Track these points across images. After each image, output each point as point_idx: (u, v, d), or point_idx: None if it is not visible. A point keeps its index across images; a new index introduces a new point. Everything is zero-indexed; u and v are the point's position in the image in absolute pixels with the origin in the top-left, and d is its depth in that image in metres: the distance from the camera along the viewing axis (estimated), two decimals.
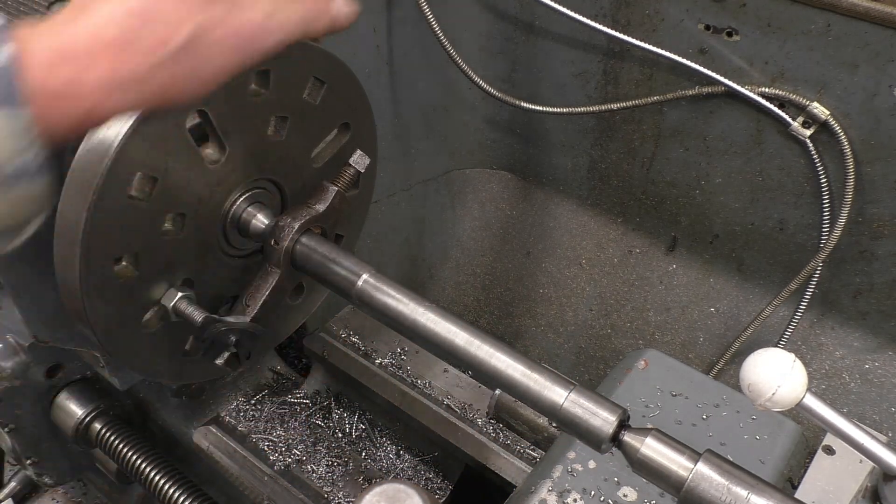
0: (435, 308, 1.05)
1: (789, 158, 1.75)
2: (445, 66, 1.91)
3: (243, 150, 1.17)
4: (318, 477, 1.71)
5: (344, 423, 1.81)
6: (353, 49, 1.62)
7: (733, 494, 0.83)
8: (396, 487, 0.91)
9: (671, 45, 1.75)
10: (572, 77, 1.97)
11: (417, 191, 2.22)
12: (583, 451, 1.22)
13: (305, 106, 1.23)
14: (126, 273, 1.09)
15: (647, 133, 1.94)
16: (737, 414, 1.28)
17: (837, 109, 1.63)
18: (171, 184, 1.08)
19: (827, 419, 0.90)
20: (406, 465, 1.75)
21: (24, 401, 1.53)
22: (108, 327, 1.11)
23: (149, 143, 1.03)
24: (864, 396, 1.90)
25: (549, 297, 2.31)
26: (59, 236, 1.04)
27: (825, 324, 1.93)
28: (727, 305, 2.05)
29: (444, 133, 2.20)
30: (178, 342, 1.24)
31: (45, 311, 1.19)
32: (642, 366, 1.36)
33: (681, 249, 2.09)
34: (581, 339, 2.27)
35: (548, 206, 2.28)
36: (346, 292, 1.11)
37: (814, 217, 1.79)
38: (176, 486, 1.53)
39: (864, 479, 1.11)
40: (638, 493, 1.18)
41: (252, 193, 1.21)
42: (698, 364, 2.09)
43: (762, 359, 0.87)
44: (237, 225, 1.20)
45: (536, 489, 1.19)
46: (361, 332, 1.88)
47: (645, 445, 0.88)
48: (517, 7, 1.96)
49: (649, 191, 2.04)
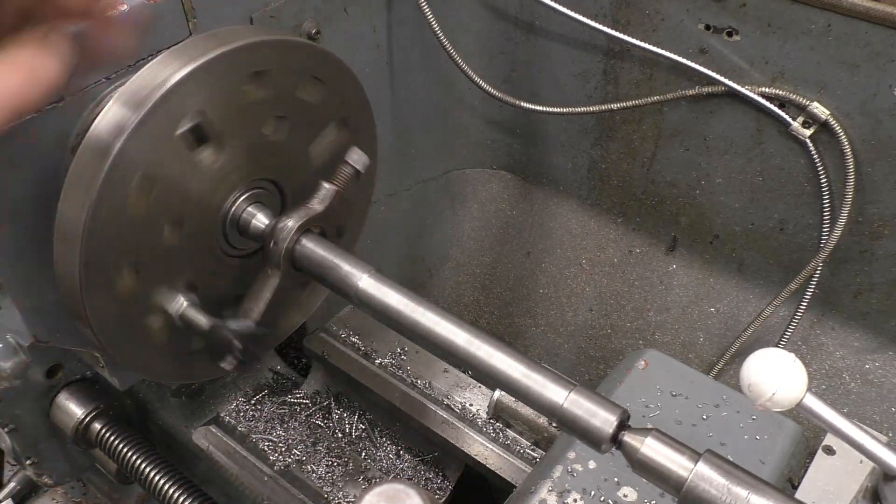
0: (435, 308, 1.05)
1: (789, 158, 1.75)
2: (445, 66, 1.91)
3: (242, 150, 1.17)
4: (318, 477, 1.71)
5: (344, 423, 1.81)
6: (352, 49, 1.62)
7: (733, 494, 0.83)
8: (396, 487, 0.91)
9: (671, 45, 1.75)
10: (572, 77, 1.97)
11: (417, 191, 2.22)
12: (583, 451, 1.22)
13: (304, 105, 1.23)
14: (126, 273, 1.09)
15: (647, 133, 1.94)
16: (737, 414, 1.28)
17: (838, 109, 1.63)
18: (171, 184, 1.08)
19: (827, 419, 0.90)
20: (406, 465, 1.75)
21: (24, 401, 1.53)
22: (108, 328, 1.11)
23: (149, 143, 1.03)
24: (864, 396, 1.90)
25: (549, 297, 2.31)
26: (59, 236, 1.04)
27: (825, 324, 1.93)
28: (727, 305, 2.05)
29: (444, 133, 2.20)
30: (177, 343, 1.24)
31: (45, 311, 1.19)
32: (642, 366, 1.36)
33: (681, 249, 2.09)
34: (581, 340, 2.27)
35: (548, 206, 2.28)
36: (346, 292, 1.11)
37: (814, 217, 1.79)
38: (176, 486, 1.52)
39: (864, 479, 1.11)
40: (638, 493, 1.18)
41: (252, 193, 1.21)
42: (698, 364, 2.09)
43: (762, 359, 0.87)
44: (237, 225, 1.20)
45: (536, 489, 1.19)
46: (361, 332, 1.88)
47: (645, 445, 0.88)
48: (517, 7, 1.96)
49: (649, 191, 2.04)
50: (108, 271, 1.07)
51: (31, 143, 1.07)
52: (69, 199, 1.02)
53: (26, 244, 1.12)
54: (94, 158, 1.00)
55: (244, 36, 1.10)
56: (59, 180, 1.05)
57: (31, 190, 1.09)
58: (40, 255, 1.11)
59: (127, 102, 1.01)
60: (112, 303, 1.10)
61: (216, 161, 1.13)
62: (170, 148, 1.06)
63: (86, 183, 1.00)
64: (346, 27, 1.57)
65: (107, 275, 1.07)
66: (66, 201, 1.02)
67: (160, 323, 1.17)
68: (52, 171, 1.09)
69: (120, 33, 0.93)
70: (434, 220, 2.35)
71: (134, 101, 1.01)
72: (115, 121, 1.00)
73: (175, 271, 1.16)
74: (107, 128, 1.00)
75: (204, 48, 1.06)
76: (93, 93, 1.11)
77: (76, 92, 1.09)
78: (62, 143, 1.10)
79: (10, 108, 0.75)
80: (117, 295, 1.10)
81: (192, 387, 1.75)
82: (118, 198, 1.03)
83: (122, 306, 1.12)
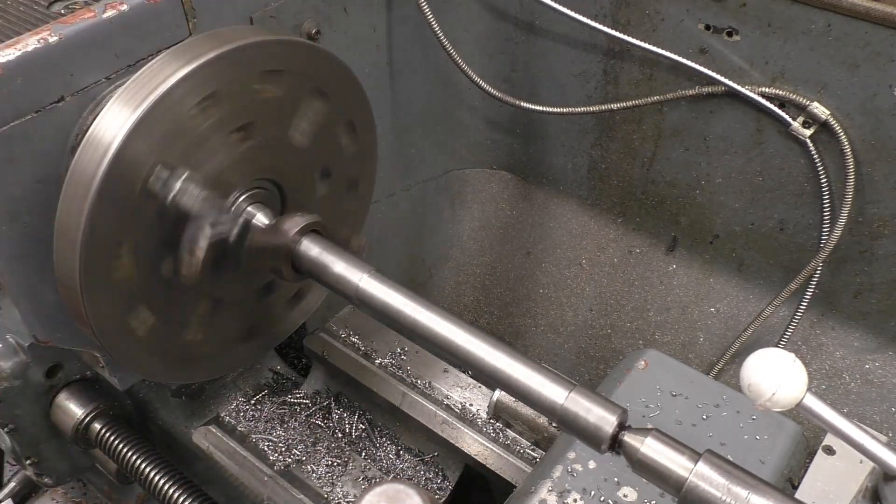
0: (435, 308, 1.05)
1: (789, 158, 1.75)
2: (445, 66, 1.91)
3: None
4: (318, 477, 1.71)
5: (344, 423, 1.81)
6: (352, 49, 1.62)
7: (733, 494, 0.83)
8: (396, 487, 0.91)
9: (671, 45, 1.75)
10: (572, 77, 1.97)
11: (417, 191, 2.22)
12: (583, 451, 1.22)
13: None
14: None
15: (648, 133, 1.94)
16: (737, 414, 1.28)
17: (838, 109, 1.63)
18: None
19: (827, 419, 0.90)
20: (406, 465, 1.75)
21: (24, 401, 1.53)
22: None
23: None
24: (864, 396, 1.90)
25: (549, 298, 2.31)
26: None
27: (825, 324, 1.93)
28: (727, 305, 2.05)
29: (444, 133, 2.20)
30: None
31: (45, 311, 1.19)
32: (642, 366, 1.36)
33: (681, 249, 2.09)
34: (581, 340, 2.27)
35: (548, 206, 2.28)
36: (346, 292, 1.11)
37: (814, 217, 1.79)
38: (176, 486, 1.52)
39: (864, 479, 1.11)
40: (638, 493, 1.17)
41: (252, 193, 1.21)
42: (698, 364, 2.09)
43: (762, 359, 0.87)
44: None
45: (536, 489, 1.19)
46: (361, 332, 1.88)
47: (645, 445, 0.88)
48: (517, 7, 1.96)
49: (649, 191, 2.04)
50: (109, 271, 1.07)
51: (31, 143, 1.07)
52: (69, 199, 1.02)
53: (26, 244, 1.12)
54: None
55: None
56: (59, 180, 1.05)
57: (31, 190, 1.09)
58: (40, 255, 1.11)
59: (127, 102, 1.01)
60: (112, 303, 1.10)
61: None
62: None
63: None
64: (346, 27, 1.57)
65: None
66: (66, 201, 1.02)
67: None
68: (52, 171, 1.09)
69: None
70: (434, 220, 2.35)
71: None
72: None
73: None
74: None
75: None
76: (93, 93, 1.11)
77: (76, 92, 1.09)
78: (62, 143, 1.10)
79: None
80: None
81: (192, 387, 1.75)
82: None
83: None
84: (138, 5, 1.12)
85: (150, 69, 1.04)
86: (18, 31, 1.09)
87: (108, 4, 1.10)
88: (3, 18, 1.14)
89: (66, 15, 1.11)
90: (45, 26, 1.06)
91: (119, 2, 1.11)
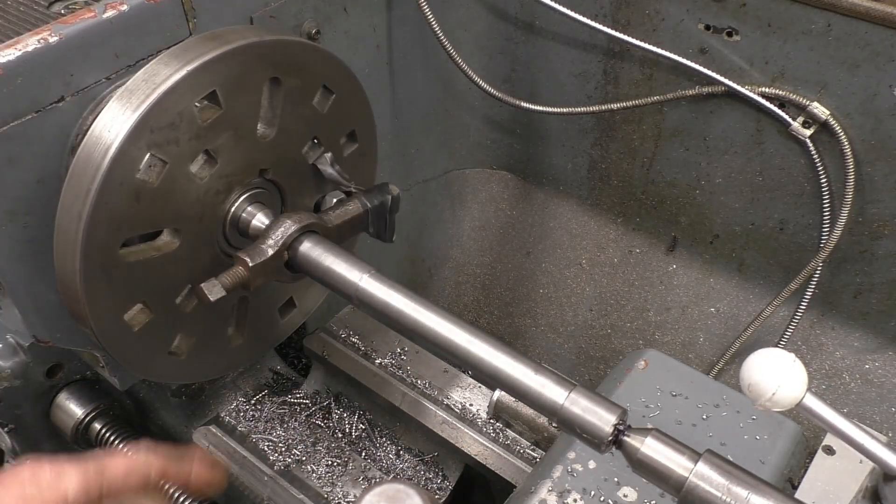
0: (435, 308, 1.05)
1: (789, 158, 1.75)
2: (445, 66, 1.91)
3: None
4: (318, 477, 1.71)
5: (344, 423, 1.81)
6: (352, 49, 1.62)
7: (733, 494, 0.83)
8: (396, 487, 0.91)
9: (671, 45, 1.75)
10: (572, 77, 1.97)
11: (417, 191, 2.22)
12: (583, 451, 1.22)
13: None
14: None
15: (647, 133, 1.94)
16: (737, 414, 1.28)
17: (837, 109, 1.63)
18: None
19: (827, 419, 0.90)
20: (406, 465, 1.75)
21: (24, 401, 1.54)
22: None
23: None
24: (864, 396, 1.90)
25: (549, 298, 2.31)
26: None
27: (825, 324, 1.93)
28: (727, 305, 2.05)
29: (444, 133, 2.20)
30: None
31: (45, 311, 1.19)
32: (642, 366, 1.36)
33: (681, 249, 2.09)
34: (581, 340, 2.27)
35: (548, 206, 2.28)
36: (346, 292, 1.11)
37: (814, 217, 1.79)
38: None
39: (864, 479, 1.11)
40: (638, 493, 1.17)
41: (252, 193, 1.21)
42: (698, 364, 2.09)
43: (762, 359, 0.87)
44: (237, 225, 1.20)
45: (536, 489, 1.19)
46: (361, 332, 1.88)
47: (645, 445, 0.88)
48: (517, 7, 1.96)
49: (649, 191, 2.04)
50: (109, 271, 1.07)
51: (31, 143, 1.07)
52: (69, 199, 1.02)
53: (26, 244, 1.12)
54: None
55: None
56: (59, 180, 1.05)
57: (31, 190, 1.09)
58: (40, 255, 1.11)
59: (127, 102, 1.01)
60: (112, 303, 1.10)
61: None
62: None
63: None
64: (346, 27, 1.57)
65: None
66: (66, 201, 1.02)
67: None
68: (52, 171, 1.09)
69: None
70: (434, 220, 2.35)
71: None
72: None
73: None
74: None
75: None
76: (93, 93, 1.11)
77: (76, 92, 1.09)
78: (62, 143, 1.10)
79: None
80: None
81: (192, 387, 1.75)
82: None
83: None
84: (138, 5, 1.12)
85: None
86: (18, 31, 1.09)
87: (108, 4, 1.10)
88: (3, 18, 1.14)
89: (66, 15, 1.11)
90: (46, 26, 1.06)
91: (119, 2, 1.11)
